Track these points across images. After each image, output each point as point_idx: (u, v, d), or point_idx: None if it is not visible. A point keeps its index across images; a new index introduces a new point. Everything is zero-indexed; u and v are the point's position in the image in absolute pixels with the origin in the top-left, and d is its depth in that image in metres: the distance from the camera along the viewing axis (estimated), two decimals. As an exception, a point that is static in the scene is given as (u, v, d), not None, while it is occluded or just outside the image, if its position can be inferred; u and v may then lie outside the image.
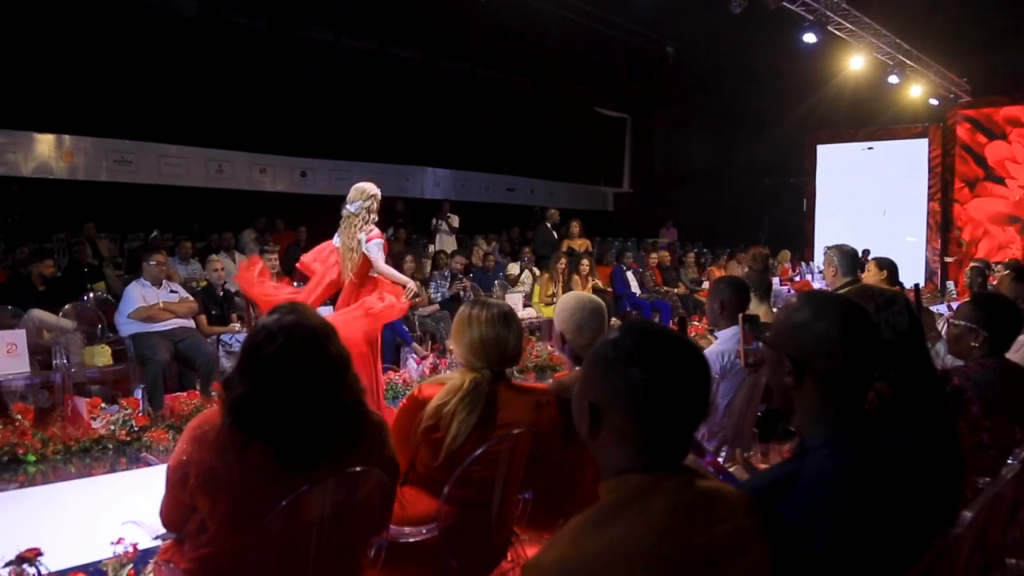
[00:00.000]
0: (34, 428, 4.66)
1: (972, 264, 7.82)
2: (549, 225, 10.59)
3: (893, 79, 11.90)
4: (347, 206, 4.94)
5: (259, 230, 10.86)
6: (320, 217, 13.61)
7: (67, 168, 11.68)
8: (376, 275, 4.94)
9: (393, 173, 16.50)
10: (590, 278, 9.50)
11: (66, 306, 5.99)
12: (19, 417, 4.65)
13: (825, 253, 4.92)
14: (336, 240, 5.03)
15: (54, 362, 5.38)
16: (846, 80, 13.62)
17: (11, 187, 10.35)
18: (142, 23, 11.92)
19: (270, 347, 1.87)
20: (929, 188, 16.98)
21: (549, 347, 8.44)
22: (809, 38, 9.65)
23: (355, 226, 4.85)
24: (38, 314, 5.84)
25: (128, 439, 4.89)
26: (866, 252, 16.47)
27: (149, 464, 4.62)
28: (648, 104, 20.54)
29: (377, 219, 4.97)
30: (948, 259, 16.57)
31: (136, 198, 12.08)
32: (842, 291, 4.74)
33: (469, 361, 2.40)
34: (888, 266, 5.22)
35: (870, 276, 5.16)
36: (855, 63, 10.97)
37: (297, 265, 5.34)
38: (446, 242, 11.44)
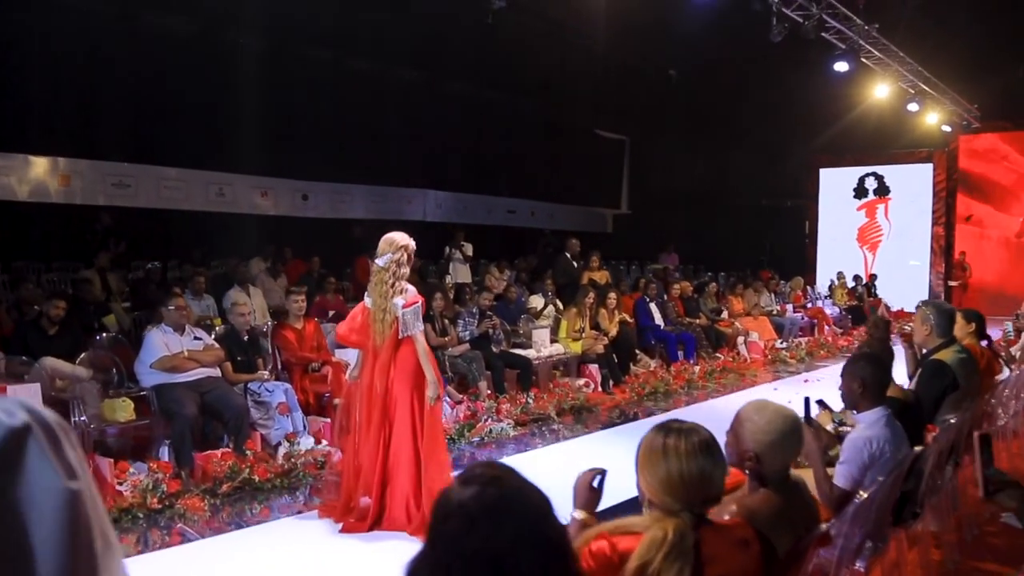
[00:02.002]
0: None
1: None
2: (569, 256, 10.26)
3: (913, 106, 11.73)
4: (376, 260, 4.45)
5: (265, 258, 10.44)
6: (323, 241, 13.40)
7: (64, 192, 11.23)
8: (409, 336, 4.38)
9: (394, 196, 16.16)
10: (616, 312, 9.18)
11: (82, 355, 5.54)
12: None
13: (919, 309, 4.57)
14: (367, 300, 4.49)
15: (73, 419, 4.95)
16: (852, 104, 13.49)
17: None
18: (138, 42, 11.50)
19: (471, 538, 1.38)
20: (933, 213, 16.90)
21: (578, 384, 8.13)
22: (841, 67, 9.43)
23: (386, 283, 4.34)
24: (51, 363, 5.40)
25: (159, 507, 4.47)
26: (873, 277, 16.39)
27: (187, 539, 4.21)
28: (647, 125, 20.35)
29: (408, 273, 4.49)
30: (952, 283, 16.47)
31: (136, 222, 11.65)
32: (939, 353, 4.43)
33: (663, 501, 1.95)
34: (976, 318, 4.92)
35: (957, 329, 4.83)
36: (880, 91, 10.80)
37: (337, 339, 4.81)
38: (460, 271, 11.09)
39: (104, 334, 6.37)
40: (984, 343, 5.02)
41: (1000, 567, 4.55)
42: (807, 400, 4.10)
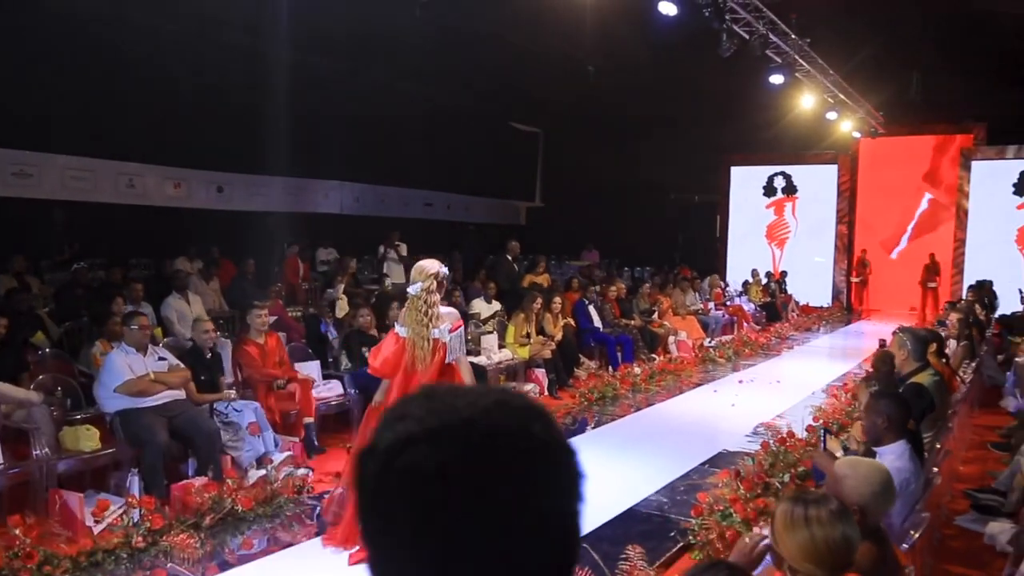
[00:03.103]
0: (34, 543, 3.93)
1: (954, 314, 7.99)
2: (510, 258, 10.25)
3: (832, 115, 12.29)
4: (408, 288, 4.52)
5: (191, 257, 9.96)
6: (239, 234, 12.92)
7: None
8: (453, 361, 4.45)
9: (312, 188, 15.76)
10: (560, 316, 9.25)
11: (39, 377, 5.15)
12: (17, 532, 3.91)
13: (896, 335, 4.82)
14: (400, 329, 4.47)
15: (35, 452, 4.60)
16: (766, 106, 13.97)
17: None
18: (40, 22, 10.74)
19: None
20: (837, 212, 17.75)
21: (526, 389, 8.17)
22: (776, 79, 9.76)
23: (419, 310, 4.35)
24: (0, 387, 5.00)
25: (143, 546, 4.22)
26: (784, 273, 17.11)
27: (181, 581, 4.00)
28: (561, 118, 20.51)
29: (439, 299, 4.47)
30: (854, 280, 17.39)
31: (39, 216, 10.91)
32: (917, 376, 4.69)
33: (808, 570, 2.04)
34: (936, 339, 5.24)
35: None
36: (806, 101, 11.26)
37: (370, 371, 4.68)
38: (394, 271, 10.91)
39: (47, 350, 5.94)
40: (943, 360, 5.34)
41: (965, 569, 4.88)
42: (824, 432, 4.29)
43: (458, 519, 0.63)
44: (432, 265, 4.43)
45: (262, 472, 5.09)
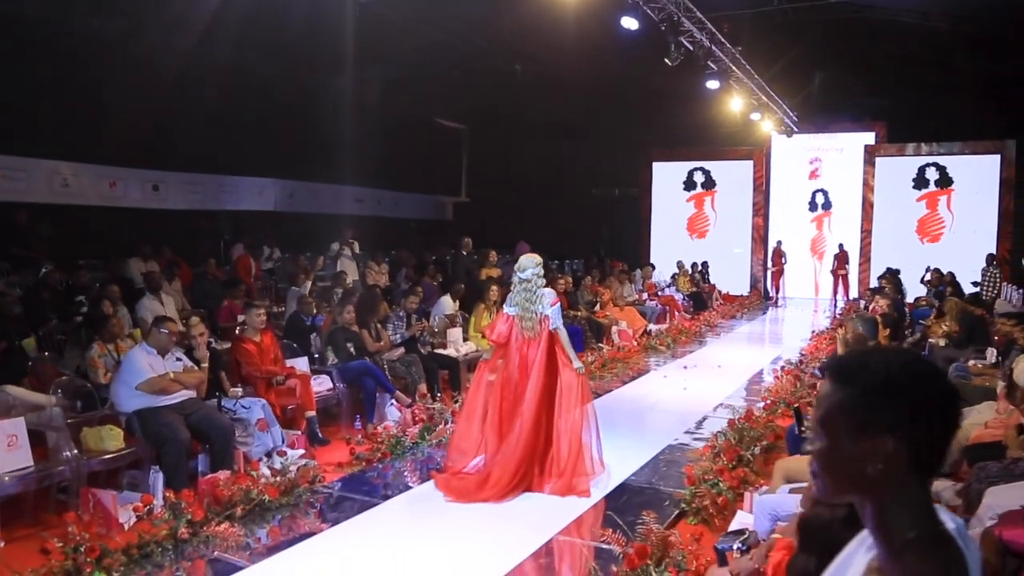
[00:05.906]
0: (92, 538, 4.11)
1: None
2: (464, 253, 10.60)
3: (755, 115, 13.10)
4: (518, 274, 5.42)
5: (144, 258, 9.92)
6: (177, 234, 12.81)
7: None
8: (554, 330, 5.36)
9: (245, 186, 15.66)
10: (518, 309, 9.64)
11: (63, 377, 5.25)
12: (72, 528, 4.08)
13: (851, 321, 5.48)
14: (509, 308, 5.39)
15: (64, 453, 4.72)
16: (692, 105, 14.72)
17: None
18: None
19: None
20: (753, 205, 18.76)
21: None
22: (712, 84, 10.42)
23: (530, 291, 5.27)
24: (14, 391, 5.09)
25: (187, 536, 4.43)
26: (706, 264, 17.99)
27: (237, 567, 4.23)
28: (486, 115, 20.87)
29: (544, 281, 5.43)
30: (772, 269, 18.46)
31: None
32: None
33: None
34: (891, 324, 5.93)
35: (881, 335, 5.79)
36: (735, 104, 12.02)
37: (492, 342, 5.59)
38: (348, 268, 11.09)
39: (45, 353, 5.97)
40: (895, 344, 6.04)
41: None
42: (797, 410, 4.84)
43: (920, 404, 1.12)
44: (538, 257, 5.51)
45: (276, 465, 5.32)
